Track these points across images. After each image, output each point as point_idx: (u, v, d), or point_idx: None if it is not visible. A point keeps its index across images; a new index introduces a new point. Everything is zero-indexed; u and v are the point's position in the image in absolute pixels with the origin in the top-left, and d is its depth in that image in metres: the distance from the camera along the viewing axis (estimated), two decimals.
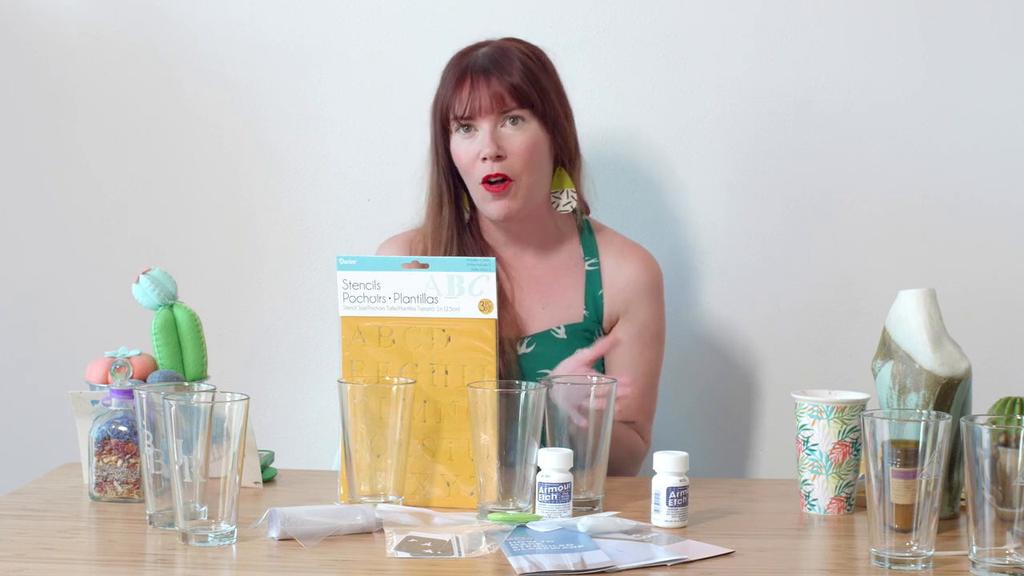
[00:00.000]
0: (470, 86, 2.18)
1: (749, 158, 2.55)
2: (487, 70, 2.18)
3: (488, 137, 2.16)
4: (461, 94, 2.18)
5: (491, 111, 2.17)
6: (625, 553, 1.64)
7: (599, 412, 1.86)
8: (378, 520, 1.73)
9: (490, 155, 2.16)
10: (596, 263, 2.27)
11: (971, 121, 2.53)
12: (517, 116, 2.18)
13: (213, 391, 1.73)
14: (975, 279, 2.54)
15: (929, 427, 1.60)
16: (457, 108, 2.18)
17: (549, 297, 2.25)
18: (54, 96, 2.62)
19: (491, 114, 2.17)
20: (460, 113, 2.18)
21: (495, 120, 2.17)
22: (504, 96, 2.17)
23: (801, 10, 2.53)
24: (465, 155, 2.18)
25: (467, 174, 2.20)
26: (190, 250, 2.61)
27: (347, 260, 1.89)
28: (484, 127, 2.17)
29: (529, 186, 2.19)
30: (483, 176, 2.17)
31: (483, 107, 2.17)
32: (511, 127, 2.18)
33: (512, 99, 2.17)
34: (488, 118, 2.17)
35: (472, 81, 2.18)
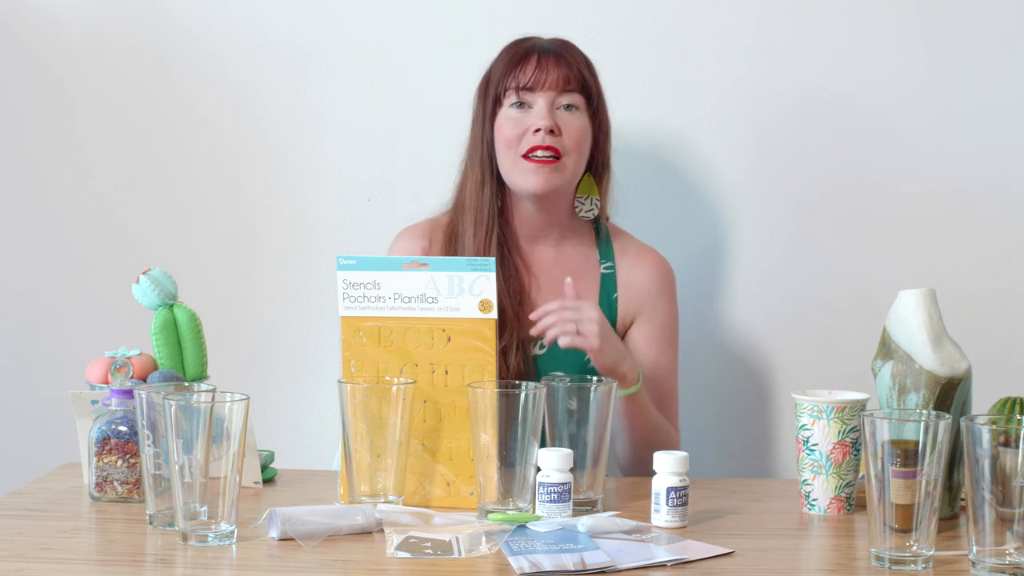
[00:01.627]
0: (536, 61, 2.19)
1: (749, 158, 2.55)
2: (556, 52, 2.21)
3: (546, 110, 2.17)
4: (526, 67, 2.19)
5: (554, 87, 2.18)
6: (625, 553, 1.64)
7: (599, 412, 1.86)
8: (378, 520, 1.73)
9: (546, 127, 2.16)
10: (612, 267, 2.28)
11: (971, 121, 2.53)
12: (572, 104, 2.19)
13: (213, 391, 1.73)
14: (975, 279, 2.54)
15: (929, 427, 1.60)
16: (521, 78, 2.18)
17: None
18: (54, 96, 2.62)
19: (552, 90, 2.18)
20: (524, 83, 2.18)
21: (553, 99, 2.18)
22: (570, 77, 2.19)
23: (801, 10, 2.53)
24: (515, 127, 2.18)
25: (510, 146, 2.18)
26: (190, 250, 2.61)
27: (347, 260, 1.89)
28: (540, 103, 2.18)
29: (573, 170, 2.20)
30: (530, 147, 2.16)
31: (548, 81, 2.17)
32: (565, 111, 2.19)
33: (576, 83, 2.19)
34: (548, 95, 2.18)
35: (540, 58, 2.19)
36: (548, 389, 1.84)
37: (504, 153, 2.20)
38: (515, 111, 2.19)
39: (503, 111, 2.20)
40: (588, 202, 2.27)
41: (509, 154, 2.19)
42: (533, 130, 2.17)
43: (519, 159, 2.18)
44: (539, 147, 2.16)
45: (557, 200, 2.23)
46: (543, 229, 2.26)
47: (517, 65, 2.20)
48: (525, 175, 2.18)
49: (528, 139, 2.17)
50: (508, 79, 2.20)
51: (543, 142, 2.16)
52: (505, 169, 2.21)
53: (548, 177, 2.17)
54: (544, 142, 2.16)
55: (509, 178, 2.21)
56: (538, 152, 2.17)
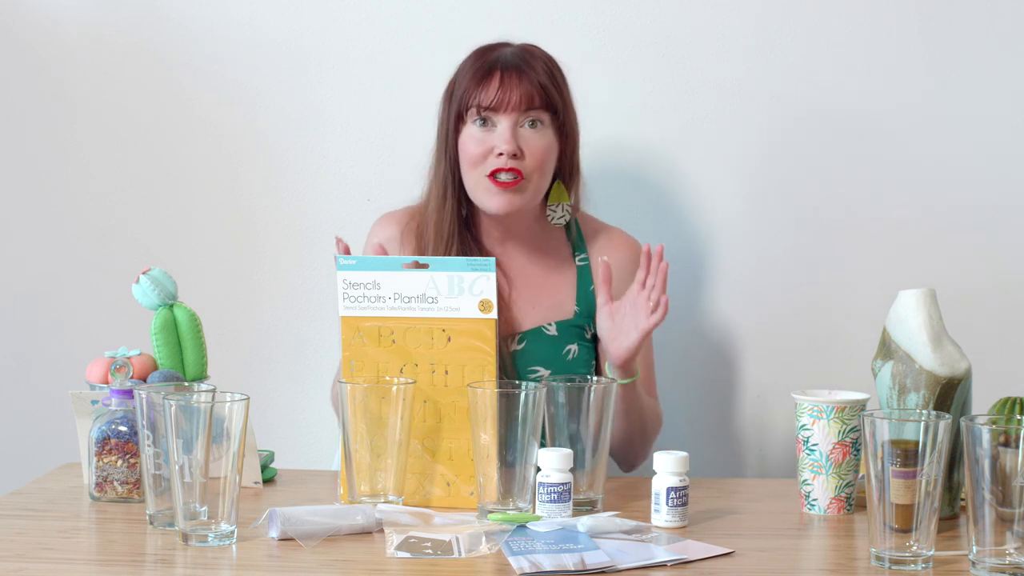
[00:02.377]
0: (500, 80, 2.17)
1: (748, 158, 2.55)
2: (518, 67, 2.18)
3: (509, 133, 2.15)
4: (489, 86, 2.17)
5: (517, 108, 2.16)
6: (625, 553, 1.64)
7: (599, 413, 1.86)
8: (378, 520, 1.73)
9: (508, 152, 2.15)
10: (586, 258, 2.28)
11: (971, 121, 2.53)
12: (537, 119, 2.18)
13: (213, 391, 1.73)
14: (975, 279, 2.54)
15: (929, 427, 1.60)
16: (483, 99, 2.16)
17: (540, 296, 2.26)
18: (54, 96, 2.62)
19: (516, 111, 2.16)
20: (486, 104, 2.16)
21: (516, 118, 2.17)
22: (533, 95, 2.17)
23: (801, 10, 2.53)
24: (477, 148, 2.17)
25: (473, 166, 2.18)
26: (190, 250, 2.61)
27: (347, 260, 1.89)
28: (504, 123, 2.16)
29: (536, 190, 2.20)
30: (493, 169, 2.16)
31: (511, 102, 2.16)
32: (529, 129, 2.17)
33: (539, 100, 2.17)
34: (511, 115, 2.16)
35: (502, 75, 2.17)
36: (548, 389, 1.84)
37: (468, 172, 2.19)
38: (478, 129, 2.18)
39: (466, 128, 2.19)
40: (560, 208, 2.26)
41: (473, 173, 2.19)
42: (496, 153, 2.16)
43: (483, 178, 2.17)
44: (502, 169, 2.16)
45: (521, 216, 2.24)
46: (513, 232, 2.27)
47: (480, 83, 2.18)
48: (489, 196, 2.18)
49: (491, 160, 2.16)
50: (471, 97, 2.18)
51: (506, 165, 2.16)
52: (469, 187, 2.20)
53: (511, 199, 2.17)
54: (507, 165, 2.15)
55: (473, 196, 2.21)
56: (501, 175, 2.16)
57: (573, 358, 2.23)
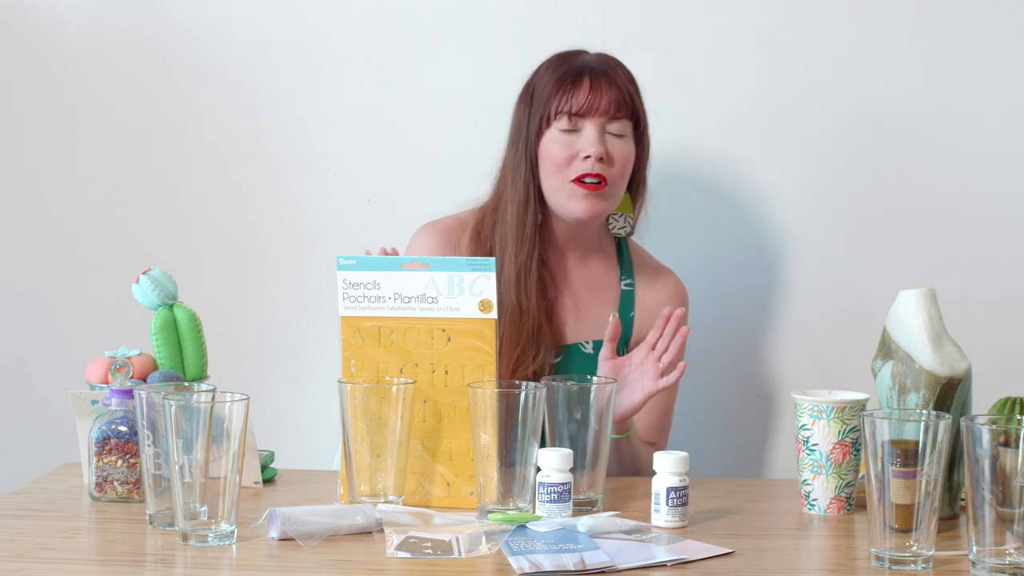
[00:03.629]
0: (589, 85, 2.16)
1: (748, 159, 2.55)
2: (606, 74, 2.18)
3: (596, 137, 2.14)
4: (578, 91, 2.15)
5: (606, 113, 2.15)
6: (625, 553, 1.64)
7: (599, 412, 1.86)
8: (378, 520, 1.73)
9: (596, 155, 2.13)
10: (631, 284, 2.28)
11: (971, 121, 2.53)
12: (621, 128, 2.17)
13: (213, 391, 1.73)
14: (975, 279, 2.54)
15: (929, 427, 1.60)
16: (574, 103, 2.15)
17: (582, 311, 2.25)
18: (54, 96, 2.62)
19: (604, 116, 2.16)
20: (576, 108, 2.15)
21: (603, 124, 2.16)
22: (621, 103, 2.16)
23: (801, 10, 2.53)
24: (563, 152, 2.15)
25: (559, 170, 2.16)
26: (190, 250, 2.61)
27: (347, 260, 1.89)
28: (591, 128, 2.15)
29: (616, 197, 2.20)
30: (580, 173, 2.15)
31: (600, 107, 2.15)
32: (614, 139, 2.17)
33: (625, 108, 2.17)
34: (599, 120, 2.15)
35: (591, 80, 2.16)
36: (548, 389, 1.84)
37: (551, 175, 2.17)
38: (563, 134, 2.17)
39: (551, 133, 2.17)
40: (622, 219, 2.26)
41: (557, 177, 2.17)
42: (583, 156, 2.15)
43: (567, 183, 2.16)
44: (590, 174, 2.15)
45: (596, 223, 2.23)
46: (572, 242, 2.26)
47: (569, 87, 2.16)
48: (573, 200, 2.16)
49: (578, 164, 2.15)
50: (559, 101, 2.16)
51: (593, 169, 2.14)
52: (550, 190, 2.18)
53: (595, 204, 2.16)
54: (594, 170, 2.14)
55: (553, 200, 2.19)
56: (587, 179, 2.15)
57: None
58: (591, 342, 2.24)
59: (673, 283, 2.31)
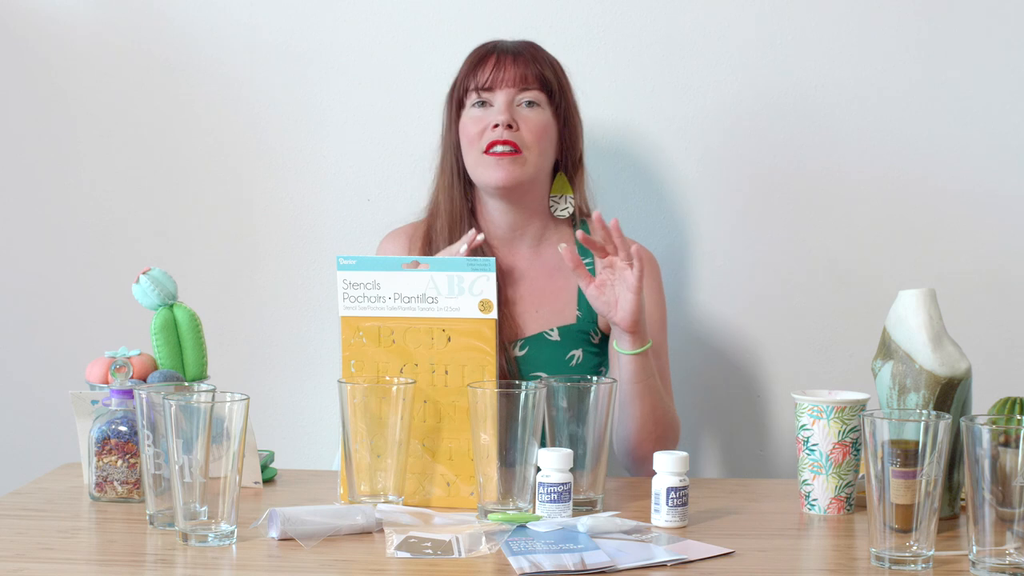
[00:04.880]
0: (495, 61, 2.22)
1: (749, 158, 2.55)
2: (516, 52, 2.24)
3: (503, 106, 2.19)
4: (485, 67, 2.22)
5: (512, 84, 2.20)
6: (625, 553, 1.64)
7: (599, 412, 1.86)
8: (378, 520, 1.73)
9: (503, 122, 2.18)
10: (591, 262, 2.27)
11: (971, 120, 2.53)
12: (534, 101, 2.21)
13: (213, 391, 1.73)
14: (975, 279, 2.54)
15: (929, 427, 1.60)
16: (480, 78, 2.21)
17: (542, 300, 2.25)
18: (54, 96, 2.62)
19: (511, 87, 2.20)
20: (481, 83, 2.21)
21: (513, 95, 2.20)
22: (528, 76, 2.21)
23: (801, 10, 2.53)
24: (475, 125, 2.21)
25: (472, 144, 2.21)
26: (190, 250, 2.61)
27: (347, 260, 1.89)
28: (500, 100, 2.20)
29: (535, 164, 2.21)
30: (490, 141, 2.18)
31: (505, 79, 2.20)
32: (527, 108, 2.21)
33: (535, 80, 2.21)
34: (507, 91, 2.20)
35: (498, 58, 2.22)
36: (548, 389, 1.84)
37: (468, 151, 2.22)
38: (477, 110, 2.22)
39: (465, 111, 2.23)
40: (563, 200, 2.29)
41: (472, 151, 2.22)
42: (492, 125, 2.19)
43: (481, 155, 2.20)
44: (498, 141, 2.18)
45: (524, 196, 2.24)
46: (517, 229, 2.27)
47: (477, 66, 2.23)
48: (487, 169, 2.20)
49: (487, 134, 2.20)
50: (468, 80, 2.23)
51: (501, 136, 2.18)
52: (470, 166, 2.23)
53: (509, 169, 2.19)
54: (502, 136, 2.18)
55: (474, 175, 2.23)
56: (497, 147, 2.19)
57: (577, 364, 2.23)
58: (556, 329, 2.24)
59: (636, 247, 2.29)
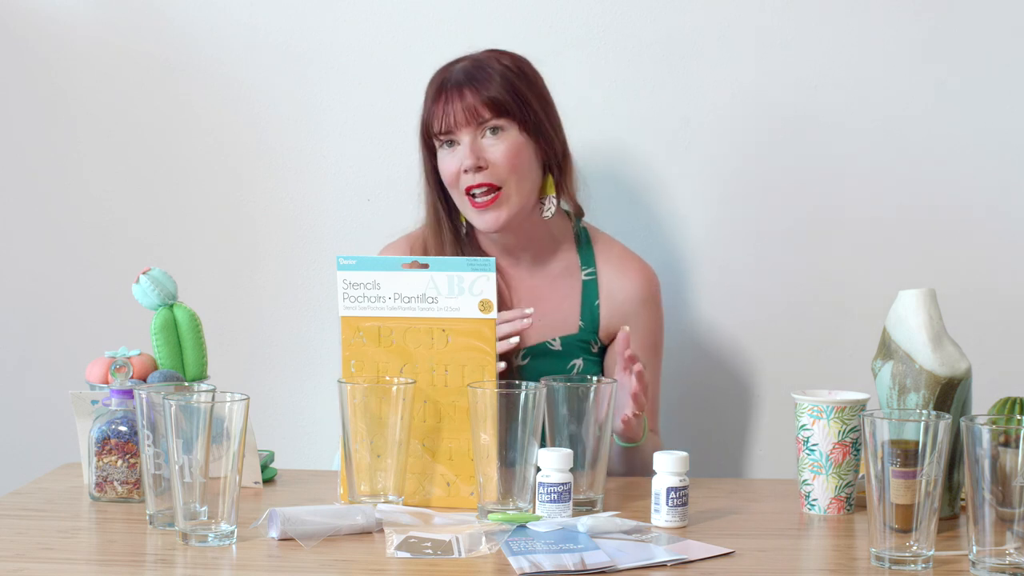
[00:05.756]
0: (445, 101, 2.18)
1: (749, 159, 2.55)
2: (461, 84, 2.18)
3: (468, 149, 2.16)
4: (437, 110, 2.19)
5: (467, 124, 2.17)
6: (625, 553, 1.64)
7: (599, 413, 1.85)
8: (378, 520, 1.73)
9: (470, 166, 2.16)
10: (593, 272, 2.27)
11: (971, 120, 2.53)
12: (496, 126, 2.17)
13: (213, 391, 1.73)
14: (975, 279, 2.54)
15: (929, 427, 1.60)
16: (435, 125, 2.19)
17: (544, 309, 2.24)
18: (54, 96, 2.62)
19: (468, 127, 2.17)
20: (438, 129, 2.18)
21: (474, 132, 2.17)
22: (478, 108, 2.16)
23: (801, 11, 2.53)
24: (448, 169, 2.19)
25: (452, 187, 2.20)
26: (190, 250, 2.61)
27: (347, 260, 1.89)
28: (464, 140, 2.17)
29: (519, 193, 2.19)
30: (466, 187, 2.17)
31: (458, 121, 2.17)
32: (491, 137, 2.17)
33: (488, 110, 2.17)
34: (466, 131, 2.17)
35: (447, 96, 2.18)
36: (548, 389, 1.84)
37: (452, 192, 2.22)
38: (446, 152, 2.20)
39: (438, 153, 2.22)
40: (547, 201, 2.26)
41: (455, 193, 2.21)
42: (463, 170, 2.17)
43: (463, 198, 2.19)
44: (473, 187, 2.17)
45: (518, 228, 2.22)
46: (516, 249, 2.26)
47: (432, 109, 2.20)
48: (474, 217, 2.20)
49: (463, 178, 2.18)
50: (429, 125, 2.21)
51: (474, 180, 2.17)
52: (459, 207, 2.23)
53: (495, 216, 2.18)
54: (475, 180, 2.17)
55: (465, 216, 2.23)
56: (475, 192, 2.17)
57: (578, 373, 2.22)
58: (558, 338, 2.24)
59: (640, 269, 2.29)
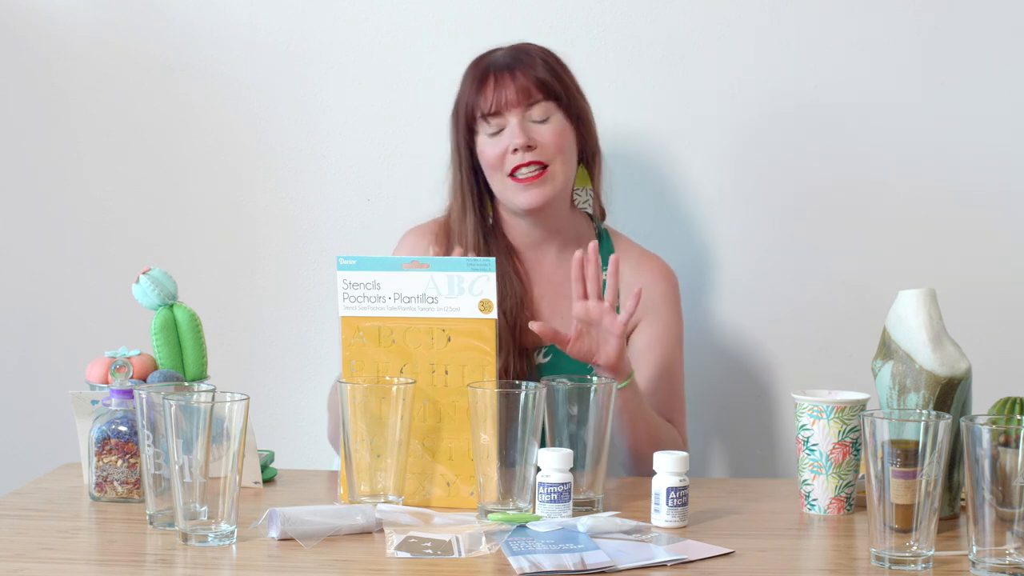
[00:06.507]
0: (494, 83, 2.19)
1: (749, 159, 2.55)
2: (510, 66, 2.20)
3: (517, 128, 2.17)
4: (486, 92, 2.19)
5: (518, 104, 2.18)
6: (625, 553, 1.64)
7: (599, 413, 1.86)
8: (378, 520, 1.73)
9: (521, 145, 2.16)
10: None
11: (971, 121, 2.53)
12: (543, 109, 2.19)
13: (213, 391, 1.73)
14: (975, 279, 2.54)
15: (929, 427, 1.60)
16: (483, 106, 2.19)
17: (566, 307, 2.24)
18: (53, 96, 2.62)
19: (518, 107, 2.18)
20: (487, 110, 2.18)
21: (522, 113, 2.18)
22: (530, 89, 2.18)
23: (801, 11, 2.53)
24: (493, 151, 2.19)
25: (495, 169, 2.19)
26: (190, 250, 2.61)
27: (347, 260, 1.89)
28: (512, 121, 2.18)
29: (563, 173, 2.21)
30: (513, 167, 2.17)
31: (509, 101, 2.18)
32: (538, 120, 2.19)
33: (538, 91, 2.19)
34: (515, 111, 2.18)
35: (496, 78, 2.19)
36: (548, 389, 1.84)
37: (493, 176, 2.21)
38: (490, 135, 2.20)
39: (479, 137, 2.21)
40: (584, 193, 2.29)
41: (496, 176, 2.20)
42: (511, 149, 2.18)
43: (507, 179, 2.19)
44: (521, 165, 2.17)
45: (551, 209, 2.23)
46: (545, 240, 2.26)
47: (479, 91, 2.20)
48: (516, 195, 2.19)
49: (509, 159, 2.18)
50: (474, 108, 2.20)
51: (523, 160, 2.17)
52: (497, 191, 2.22)
53: (539, 192, 2.18)
54: (524, 159, 2.17)
55: (502, 198, 2.22)
56: (522, 170, 2.17)
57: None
58: None
59: (660, 267, 2.31)
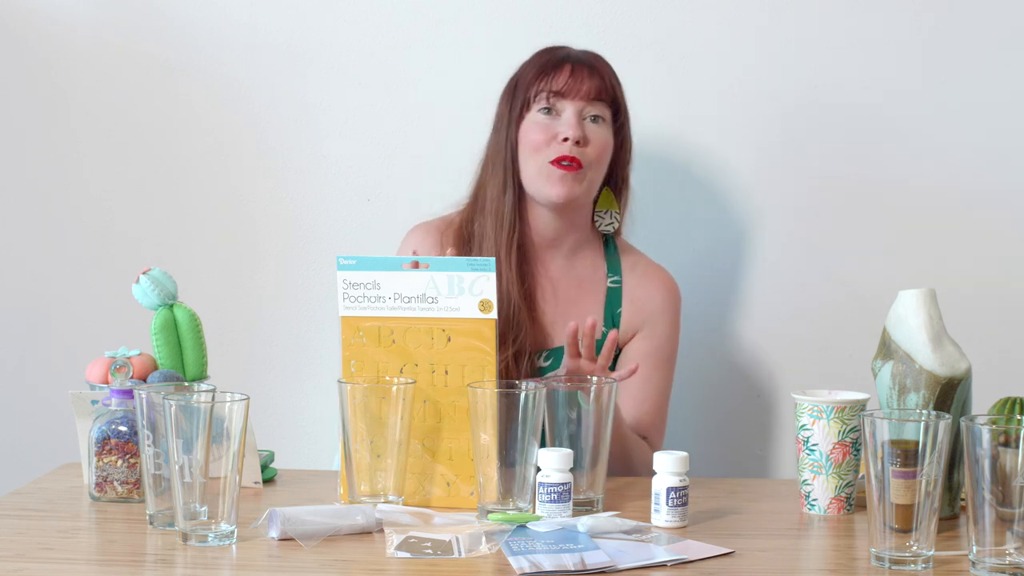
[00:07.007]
0: (571, 70, 2.19)
1: (748, 160, 2.55)
2: (588, 63, 2.22)
3: (575, 119, 2.17)
4: (559, 74, 2.19)
5: (584, 97, 2.18)
6: (625, 553, 1.64)
7: (600, 413, 1.86)
8: (378, 520, 1.73)
9: (574, 137, 2.16)
10: (618, 281, 2.27)
11: (971, 120, 2.53)
12: (599, 115, 2.20)
13: (213, 391, 1.73)
14: (975, 279, 2.54)
15: (929, 427, 1.60)
16: (554, 84, 2.18)
17: (570, 312, 2.24)
18: (53, 96, 2.62)
19: (583, 100, 2.18)
20: (556, 88, 2.18)
21: (582, 108, 2.19)
22: (602, 89, 2.20)
23: (801, 11, 2.53)
24: (541, 134, 2.18)
25: (536, 151, 2.18)
26: (190, 250, 2.61)
27: (347, 260, 1.89)
28: (569, 111, 2.18)
29: (592, 181, 2.21)
30: (557, 155, 2.17)
31: (581, 90, 2.18)
32: (591, 123, 2.19)
33: (606, 94, 2.20)
34: (578, 103, 2.18)
35: (574, 67, 2.20)
36: (548, 389, 1.84)
37: (530, 158, 2.20)
38: (543, 116, 2.19)
39: (531, 115, 2.20)
40: (608, 216, 2.29)
41: (536, 158, 2.19)
42: (561, 138, 2.17)
43: (545, 164, 2.18)
44: (565, 156, 2.17)
45: (574, 210, 2.23)
46: (558, 238, 2.26)
47: (551, 72, 2.20)
48: (549, 182, 2.18)
49: (556, 146, 2.17)
50: (540, 83, 2.19)
51: (569, 152, 2.16)
52: (529, 174, 2.20)
53: (570, 186, 2.18)
54: (571, 152, 2.16)
55: (531, 183, 2.21)
56: (564, 161, 2.17)
57: None
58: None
59: (665, 280, 2.31)
